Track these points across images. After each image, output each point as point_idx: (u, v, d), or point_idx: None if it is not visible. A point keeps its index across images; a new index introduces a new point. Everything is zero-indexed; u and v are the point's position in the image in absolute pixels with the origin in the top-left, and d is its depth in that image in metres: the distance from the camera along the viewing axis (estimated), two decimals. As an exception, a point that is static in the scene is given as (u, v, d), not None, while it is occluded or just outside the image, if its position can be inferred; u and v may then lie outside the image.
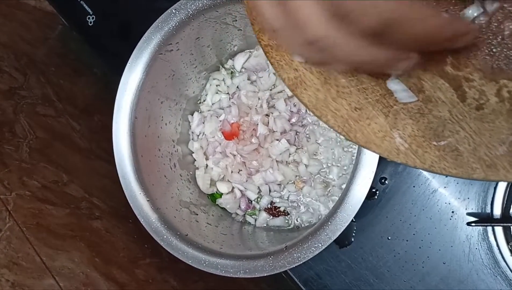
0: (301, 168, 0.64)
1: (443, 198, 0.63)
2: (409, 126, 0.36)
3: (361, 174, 0.48)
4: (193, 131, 0.70)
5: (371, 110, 0.37)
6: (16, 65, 0.75)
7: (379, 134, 0.37)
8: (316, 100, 0.38)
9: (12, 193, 0.53)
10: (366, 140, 0.37)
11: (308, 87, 0.39)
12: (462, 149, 0.35)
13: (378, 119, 0.37)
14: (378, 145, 0.37)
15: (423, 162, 0.35)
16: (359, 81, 0.38)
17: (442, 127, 0.36)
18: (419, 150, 0.36)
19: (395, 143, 0.36)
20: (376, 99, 0.37)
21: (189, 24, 0.57)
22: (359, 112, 0.37)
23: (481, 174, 0.34)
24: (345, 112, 0.38)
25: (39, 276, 0.48)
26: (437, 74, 0.36)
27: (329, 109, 0.38)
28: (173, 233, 0.56)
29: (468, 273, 0.62)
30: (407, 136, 0.36)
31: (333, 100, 0.38)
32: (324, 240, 0.49)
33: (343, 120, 0.37)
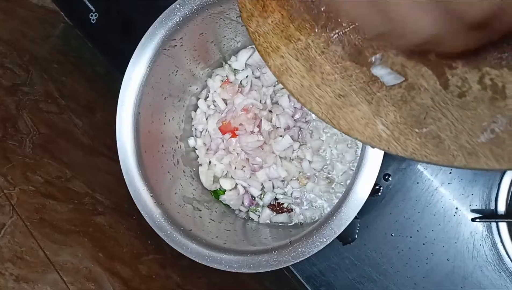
0: (305, 164, 0.64)
1: (447, 194, 0.63)
2: (391, 113, 0.36)
3: (366, 168, 0.48)
4: (196, 128, 0.70)
5: (355, 97, 0.37)
6: (18, 62, 0.75)
7: (362, 121, 0.37)
8: (301, 87, 0.39)
9: (15, 188, 0.53)
10: (349, 127, 0.37)
11: (293, 74, 0.39)
12: (443, 137, 0.35)
13: (362, 106, 0.37)
14: (361, 132, 0.37)
15: (405, 149, 0.36)
16: (343, 68, 0.38)
17: (424, 114, 0.36)
18: (401, 137, 0.36)
19: (378, 130, 0.36)
20: (360, 86, 0.37)
21: (193, 19, 0.57)
22: (343, 99, 0.38)
23: (462, 162, 0.35)
24: (329, 99, 0.38)
25: (43, 271, 0.48)
26: (420, 62, 0.36)
27: (313, 96, 0.38)
28: (176, 229, 0.56)
29: (472, 270, 0.61)
30: (389, 123, 0.36)
31: (318, 87, 0.38)
32: (328, 235, 0.48)
33: (327, 107, 0.38)
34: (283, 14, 0.40)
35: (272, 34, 0.40)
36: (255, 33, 0.40)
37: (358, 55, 0.38)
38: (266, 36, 0.40)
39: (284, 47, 0.39)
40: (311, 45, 0.39)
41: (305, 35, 0.39)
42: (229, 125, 0.65)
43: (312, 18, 0.39)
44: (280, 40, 0.39)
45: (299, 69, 0.39)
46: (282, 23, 0.40)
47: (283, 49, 0.39)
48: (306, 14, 0.39)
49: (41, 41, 0.88)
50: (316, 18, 0.39)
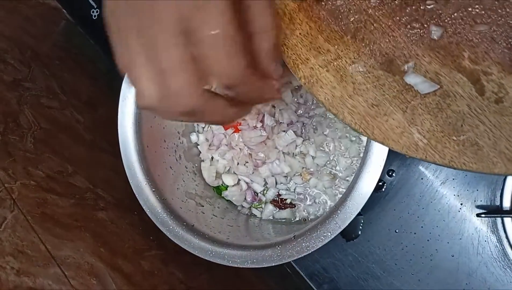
0: (308, 159, 0.63)
1: (452, 190, 0.62)
2: (427, 121, 0.36)
3: (371, 162, 0.47)
4: (198, 123, 0.69)
5: (389, 106, 0.37)
6: (20, 58, 0.75)
7: (397, 130, 0.37)
8: (333, 98, 0.39)
9: (16, 182, 0.53)
10: (384, 136, 0.37)
11: (324, 85, 0.39)
12: (482, 144, 0.35)
13: (396, 115, 0.37)
14: (396, 141, 0.37)
15: (443, 157, 0.35)
16: (375, 78, 0.38)
17: (461, 121, 0.35)
18: (438, 145, 0.36)
19: (414, 138, 0.36)
20: (394, 95, 0.37)
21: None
22: (376, 108, 0.37)
23: (503, 168, 0.34)
24: (362, 109, 0.38)
25: (44, 265, 0.47)
26: (455, 69, 0.36)
27: (345, 106, 0.38)
28: (179, 224, 0.56)
29: (477, 266, 0.61)
30: (425, 132, 0.36)
31: (350, 97, 0.38)
32: (333, 229, 0.48)
33: (360, 117, 0.38)
34: (311, 26, 0.40)
35: (300, 46, 0.40)
36: (283, 46, 0.40)
37: (389, 64, 0.37)
38: (295, 48, 0.40)
39: (313, 59, 0.39)
40: (341, 55, 0.39)
41: (334, 46, 0.39)
42: (232, 121, 0.64)
43: (341, 29, 0.39)
44: (309, 52, 0.40)
45: (329, 80, 0.39)
46: (310, 34, 0.40)
47: (312, 60, 0.39)
48: (335, 25, 0.39)
49: (42, 37, 0.88)
50: (345, 29, 0.39)
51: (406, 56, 0.37)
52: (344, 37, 0.39)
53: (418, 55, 0.37)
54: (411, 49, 0.37)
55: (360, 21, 0.39)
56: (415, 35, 0.37)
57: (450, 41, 0.36)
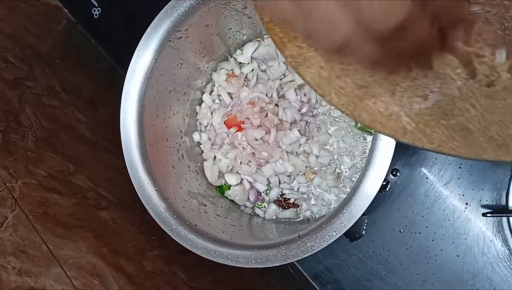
0: (312, 158, 0.63)
1: (457, 189, 0.62)
2: (416, 104, 0.35)
3: (376, 161, 0.47)
4: (201, 122, 0.69)
5: (377, 88, 0.36)
6: (21, 56, 0.74)
7: (385, 113, 0.35)
8: (320, 78, 0.37)
9: (18, 181, 0.52)
10: (371, 119, 0.36)
11: (311, 64, 0.37)
12: (472, 128, 0.34)
13: (384, 97, 0.36)
14: (384, 124, 0.35)
15: (431, 142, 0.34)
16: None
17: (451, 105, 0.34)
18: (426, 129, 0.34)
19: (402, 122, 0.35)
20: (383, 76, 0.36)
21: (199, 10, 0.56)
22: (364, 90, 0.36)
23: (492, 154, 0.33)
24: (350, 90, 0.36)
25: (46, 265, 0.47)
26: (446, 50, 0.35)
27: (332, 87, 0.37)
28: (182, 223, 0.55)
29: (482, 266, 0.60)
30: (414, 115, 0.35)
31: (337, 77, 0.37)
32: (338, 229, 0.47)
33: (347, 99, 0.36)
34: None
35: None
36: (269, 23, 0.38)
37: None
38: (282, 26, 0.38)
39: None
40: None
41: None
42: (235, 119, 0.64)
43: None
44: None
45: (317, 60, 0.37)
46: None
47: (299, 39, 0.37)
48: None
49: (43, 36, 0.87)
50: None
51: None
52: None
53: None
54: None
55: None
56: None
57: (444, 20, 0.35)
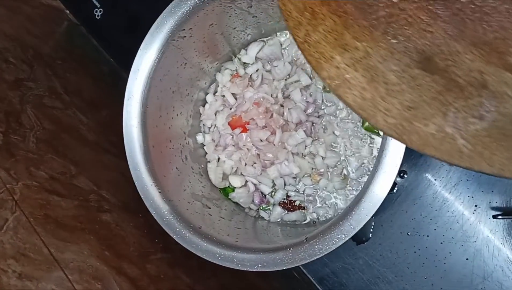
0: (318, 160, 0.62)
1: (466, 191, 0.61)
2: (472, 125, 0.32)
3: (386, 161, 0.46)
4: (205, 124, 0.68)
5: (427, 108, 0.33)
6: (22, 57, 0.74)
7: (438, 136, 0.33)
8: (362, 100, 0.35)
9: (18, 183, 0.51)
10: (423, 142, 0.33)
11: (352, 86, 0.35)
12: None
13: (436, 119, 0.33)
14: (437, 148, 0.33)
15: (491, 165, 0.32)
16: (411, 77, 0.34)
17: (511, 125, 0.32)
18: (485, 152, 0.32)
19: (457, 145, 0.33)
20: (432, 96, 0.34)
21: (203, 9, 0.55)
22: (413, 111, 0.34)
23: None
24: (397, 112, 0.34)
25: (47, 268, 0.46)
26: (502, 67, 0.33)
27: (377, 109, 0.34)
28: (186, 226, 0.54)
29: (492, 270, 0.59)
30: (470, 137, 0.32)
31: (382, 99, 0.34)
32: (347, 231, 0.46)
33: (395, 122, 0.34)
34: (336, 21, 0.36)
35: (324, 43, 0.36)
36: (304, 43, 0.36)
37: (427, 62, 0.34)
38: (317, 46, 0.36)
39: (339, 57, 0.36)
40: (371, 53, 0.35)
41: (363, 43, 0.35)
42: (240, 119, 0.63)
43: (370, 24, 0.35)
44: (334, 50, 0.36)
45: (358, 80, 0.35)
46: (335, 30, 0.36)
47: (338, 59, 0.35)
48: (363, 20, 0.36)
49: (45, 37, 0.87)
50: (376, 24, 0.35)
51: (445, 53, 0.34)
52: (373, 33, 0.35)
53: (459, 52, 0.33)
54: (451, 45, 0.34)
55: (392, 16, 0.35)
56: (454, 30, 0.34)
57: (495, 36, 0.33)
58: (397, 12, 0.35)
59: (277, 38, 0.66)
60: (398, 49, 0.35)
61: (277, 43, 0.65)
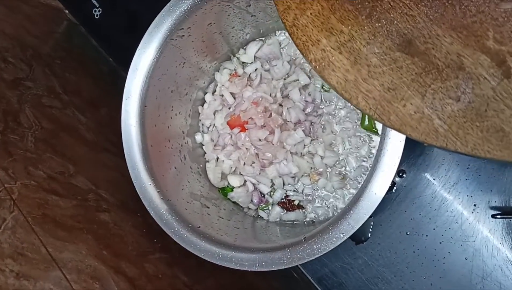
0: (317, 159, 0.62)
1: (465, 190, 0.61)
2: (448, 106, 0.34)
3: (385, 161, 0.45)
4: (203, 123, 0.68)
5: (406, 90, 0.35)
6: (21, 56, 0.73)
7: (416, 116, 0.34)
8: (345, 81, 0.36)
9: (17, 182, 0.51)
10: (401, 122, 0.35)
11: (336, 68, 0.36)
12: (508, 130, 0.33)
13: (414, 100, 0.35)
14: (415, 127, 0.34)
15: (465, 145, 0.33)
16: (392, 60, 0.35)
17: (485, 106, 0.33)
18: (460, 132, 0.33)
19: (434, 124, 0.34)
20: (412, 78, 0.35)
21: (202, 8, 0.55)
22: (393, 92, 0.35)
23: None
24: (378, 93, 0.35)
25: (45, 268, 0.46)
26: (478, 50, 0.34)
27: (359, 90, 0.36)
28: (184, 226, 0.54)
29: (491, 269, 0.59)
30: (446, 117, 0.34)
31: (364, 81, 0.36)
32: (346, 230, 0.46)
33: (375, 102, 0.35)
34: (323, 5, 0.37)
35: (311, 26, 0.38)
36: (292, 26, 0.38)
37: (408, 45, 0.35)
38: (305, 29, 0.38)
39: (325, 40, 0.37)
40: (355, 36, 0.36)
41: (348, 27, 0.37)
42: (238, 119, 0.62)
43: (355, 8, 0.37)
44: (321, 33, 0.37)
45: (342, 63, 0.36)
46: (322, 14, 0.37)
47: (324, 42, 0.37)
48: (349, 4, 0.37)
49: (44, 37, 0.86)
50: (360, 8, 0.37)
51: (426, 36, 0.35)
52: (358, 17, 0.37)
53: (438, 35, 0.35)
54: (431, 29, 0.35)
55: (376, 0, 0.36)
56: (435, 14, 0.35)
57: (473, 20, 0.34)
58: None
59: (276, 38, 0.66)
60: (381, 32, 0.36)
61: (276, 43, 0.65)
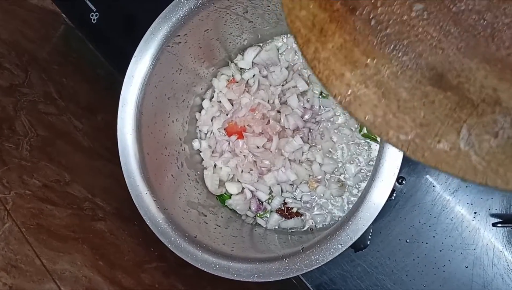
0: (315, 167, 0.61)
1: (465, 198, 0.60)
2: (486, 142, 0.32)
3: (384, 170, 0.45)
4: (201, 130, 0.67)
5: (440, 126, 0.33)
6: (17, 62, 0.73)
7: (451, 153, 0.33)
8: (374, 116, 0.34)
9: (11, 192, 0.50)
10: (436, 159, 0.33)
11: (363, 103, 0.35)
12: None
13: (449, 136, 0.33)
14: (451, 164, 0.33)
15: (506, 182, 0.32)
16: (423, 94, 0.34)
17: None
18: (500, 169, 0.32)
19: (471, 161, 0.32)
20: (445, 113, 0.33)
21: (198, 14, 0.55)
22: (426, 128, 0.33)
23: None
24: (409, 129, 0.34)
25: (39, 280, 0.45)
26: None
27: (390, 126, 0.34)
28: (181, 235, 0.53)
29: (492, 278, 0.58)
30: (484, 154, 0.32)
31: (394, 116, 0.34)
32: (344, 241, 0.45)
33: (408, 139, 0.34)
34: (346, 38, 0.36)
35: (334, 60, 0.36)
36: (313, 60, 0.36)
37: (439, 79, 0.34)
38: (327, 63, 0.36)
39: (349, 74, 0.35)
40: (381, 70, 0.35)
41: (373, 60, 0.35)
42: (236, 126, 0.62)
43: (380, 41, 0.35)
44: (344, 66, 0.35)
45: (369, 97, 0.35)
46: (345, 47, 0.36)
47: (348, 76, 0.35)
48: (373, 36, 0.35)
49: (41, 42, 0.86)
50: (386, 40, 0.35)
51: (458, 70, 0.33)
52: (384, 50, 0.35)
53: (471, 69, 0.33)
54: (463, 62, 0.33)
55: (402, 33, 0.34)
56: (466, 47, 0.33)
57: (508, 53, 0.33)
58: (407, 29, 0.34)
59: (274, 43, 0.65)
60: (410, 66, 0.34)
61: (274, 48, 0.64)
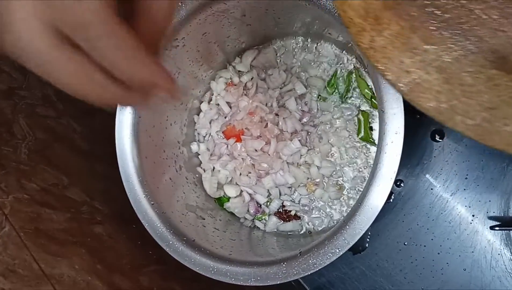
0: (313, 170, 0.61)
1: (463, 201, 0.60)
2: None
3: (381, 174, 0.45)
4: (199, 132, 0.67)
5: (507, 108, 0.32)
6: (16, 65, 0.73)
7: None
8: (438, 103, 0.34)
9: (9, 196, 0.50)
10: (506, 142, 0.32)
11: (425, 90, 0.34)
12: None
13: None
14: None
15: None
16: (488, 78, 0.33)
17: None
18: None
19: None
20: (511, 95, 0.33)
21: (196, 18, 0.55)
22: (493, 112, 0.33)
23: None
24: (475, 113, 0.33)
25: (37, 284, 0.45)
26: None
27: (455, 112, 0.33)
28: (179, 239, 0.53)
29: (490, 280, 0.58)
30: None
31: (459, 101, 0.33)
32: (341, 245, 0.45)
33: (475, 123, 0.33)
34: (402, 25, 0.35)
35: (391, 47, 0.35)
36: (369, 49, 0.35)
37: (503, 61, 0.33)
38: (384, 51, 0.35)
39: (408, 60, 0.34)
40: (442, 55, 0.34)
41: (433, 46, 0.34)
42: (234, 129, 0.62)
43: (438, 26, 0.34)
44: (403, 54, 0.35)
45: (431, 84, 0.34)
46: (402, 34, 0.35)
47: (407, 62, 0.34)
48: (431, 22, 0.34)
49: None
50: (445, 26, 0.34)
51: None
52: (443, 35, 0.34)
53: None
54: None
55: (461, 17, 0.33)
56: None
57: None
58: (466, 13, 0.33)
59: (272, 46, 0.65)
60: (471, 50, 0.33)
61: (272, 51, 0.64)
